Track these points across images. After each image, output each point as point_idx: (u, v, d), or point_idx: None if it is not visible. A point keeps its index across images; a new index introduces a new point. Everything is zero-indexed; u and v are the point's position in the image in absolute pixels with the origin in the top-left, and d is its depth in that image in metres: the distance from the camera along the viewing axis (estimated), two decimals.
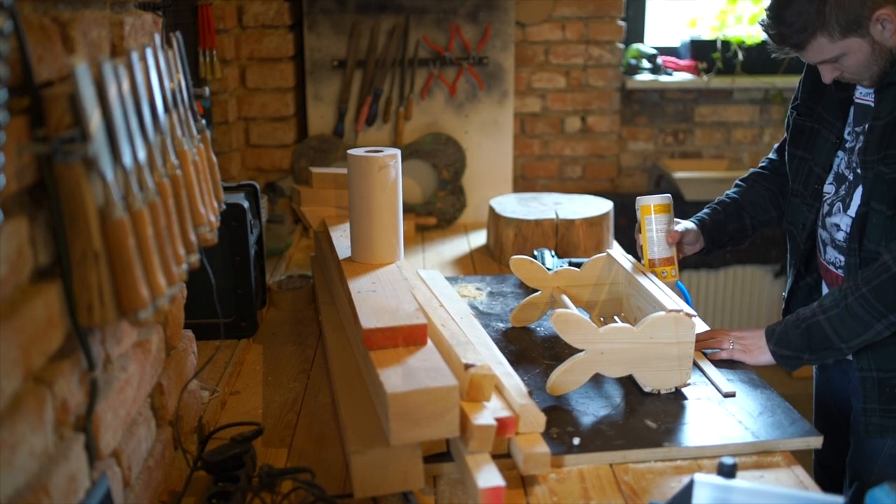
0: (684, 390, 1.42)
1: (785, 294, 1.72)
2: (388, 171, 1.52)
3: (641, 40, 3.26)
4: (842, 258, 1.54)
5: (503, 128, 2.74)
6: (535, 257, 2.01)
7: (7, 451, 0.70)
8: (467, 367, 1.19)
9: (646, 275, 1.59)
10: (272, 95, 2.68)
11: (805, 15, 1.38)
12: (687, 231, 1.68)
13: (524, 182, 3.20)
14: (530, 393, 1.25)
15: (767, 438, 1.28)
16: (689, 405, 1.39)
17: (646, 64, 3.15)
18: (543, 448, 1.18)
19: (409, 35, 2.66)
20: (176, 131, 1.03)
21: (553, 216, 2.22)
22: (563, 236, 2.21)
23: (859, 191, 1.48)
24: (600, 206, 2.32)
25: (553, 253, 2.07)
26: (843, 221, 1.52)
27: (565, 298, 1.62)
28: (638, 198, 1.66)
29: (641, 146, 3.24)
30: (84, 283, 0.80)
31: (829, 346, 1.43)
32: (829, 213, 1.57)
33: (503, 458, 1.21)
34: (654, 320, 1.36)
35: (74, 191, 0.78)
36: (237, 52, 2.61)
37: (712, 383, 1.46)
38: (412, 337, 1.23)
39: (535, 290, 1.72)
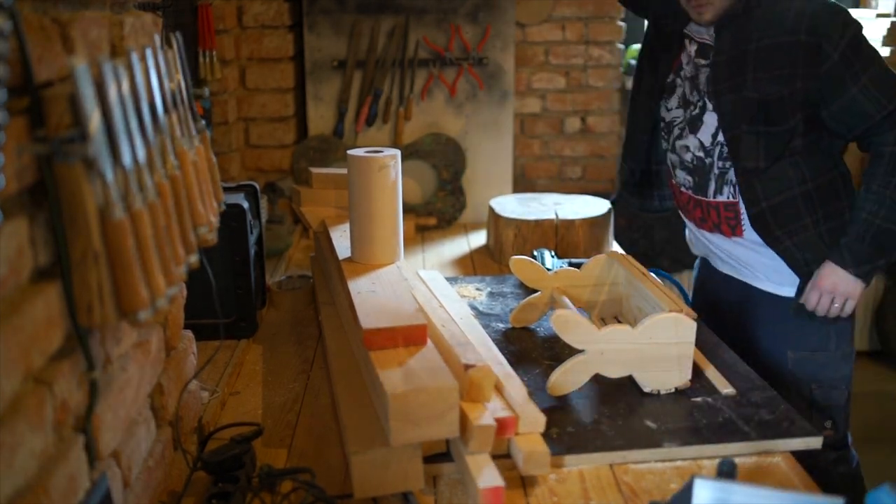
0: (684, 390, 1.42)
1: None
2: (388, 171, 1.52)
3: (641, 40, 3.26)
4: (689, 178, 1.78)
5: (503, 128, 2.74)
6: (534, 258, 2.01)
7: (7, 452, 0.70)
8: (467, 367, 1.19)
9: (645, 275, 1.59)
10: (272, 95, 2.68)
11: None
12: None
13: (524, 182, 3.20)
14: (530, 393, 1.25)
15: (767, 438, 1.28)
16: (689, 405, 1.39)
17: None
18: (543, 448, 1.18)
19: (409, 35, 2.66)
20: (176, 132, 1.03)
21: (553, 216, 2.22)
22: (562, 237, 2.21)
23: (711, 116, 1.69)
24: (600, 206, 2.32)
25: (553, 253, 2.07)
26: (691, 143, 1.75)
27: (565, 299, 1.62)
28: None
29: None
30: (84, 284, 0.80)
31: None
32: (680, 136, 1.78)
33: (503, 458, 1.21)
34: (654, 321, 1.36)
35: (74, 191, 0.78)
36: (237, 53, 2.61)
37: (712, 383, 1.46)
38: (412, 337, 1.23)
39: (534, 291, 1.72)
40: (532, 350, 1.62)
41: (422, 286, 1.60)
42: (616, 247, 2.31)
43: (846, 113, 1.62)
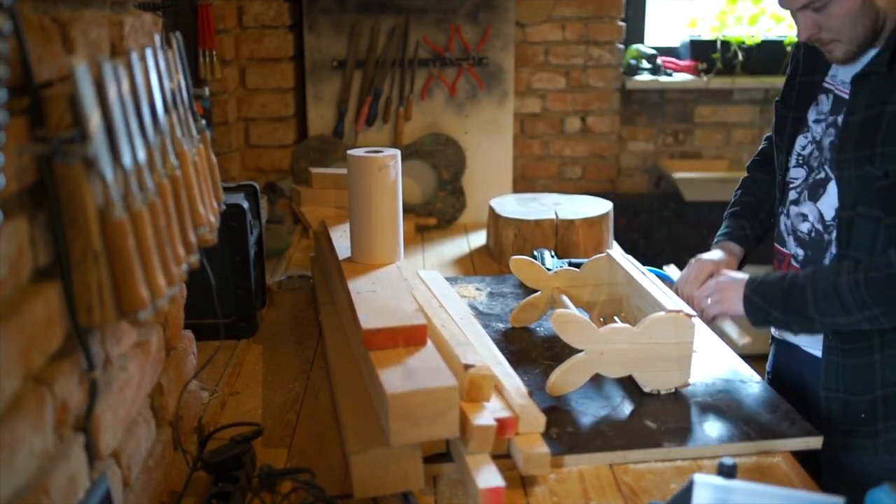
0: (684, 390, 1.42)
1: None
2: (388, 171, 1.52)
3: (641, 40, 3.26)
4: (801, 252, 1.49)
5: (503, 128, 2.74)
6: (534, 257, 2.01)
7: (7, 451, 0.70)
8: (467, 367, 1.19)
9: (645, 275, 1.59)
10: (272, 95, 2.68)
11: None
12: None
13: (524, 182, 3.20)
14: (530, 393, 1.25)
15: (767, 438, 1.28)
16: (690, 405, 1.39)
17: (646, 64, 3.15)
18: (543, 448, 1.18)
19: (409, 35, 2.66)
20: (176, 132, 1.03)
21: (553, 216, 2.22)
22: (562, 236, 2.21)
23: (833, 189, 1.41)
24: (600, 206, 2.32)
25: (553, 253, 2.07)
26: (811, 212, 1.47)
27: (565, 299, 1.62)
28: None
29: (641, 146, 3.24)
30: (84, 284, 0.80)
31: (803, 312, 1.36)
32: (797, 202, 1.50)
33: (503, 458, 1.21)
34: (654, 321, 1.36)
35: (74, 191, 0.78)
36: (237, 53, 2.61)
37: (728, 337, 1.44)
38: (412, 337, 1.23)
39: (534, 291, 1.72)
40: (532, 350, 1.62)
41: (422, 286, 1.59)
42: (616, 247, 2.30)
43: None
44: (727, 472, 0.98)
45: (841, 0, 1.30)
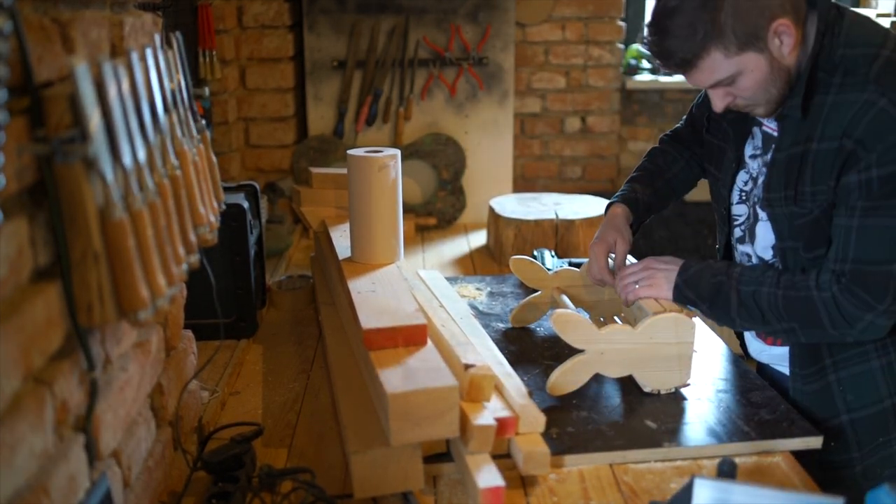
0: (684, 390, 1.42)
1: None
2: (388, 171, 1.52)
3: (641, 41, 3.26)
4: None
5: (503, 128, 2.74)
6: (534, 257, 2.01)
7: (7, 451, 0.70)
8: (467, 367, 1.19)
9: None
10: (272, 95, 2.68)
11: (697, 25, 1.20)
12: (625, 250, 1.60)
13: (524, 182, 3.20)
14: (530, 393, 1.25)
15: (767, 438, 1.28)
16: (689, 405, 1.39)
17: (646, 64, 3.15)
18: (543, 448, 1.18)
19: (409, 35, 2.66)
20: (176, 131, 1.03)
21: (553, 216, 2.22)
22: (562, 236, 2.21)
23: (765, 227, 1.41)
24: (600, 206, 2.32)
25: (553, 253, 2.07)
26: (753, 252, 1.47)
27: (565, 298, 1.62)
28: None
29: (641, 146, 3.24)
30: (84, 284, 0.80)
31: (726, 313, 1.37)
32: (742, 240, 1.50)
33: (503, 458, 1.21)
34: (654, 320, 1.36)
35: (74, 191, 0.78)
36: (237, 53, 2.61)
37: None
38: (412, 337, 1.23)
39: (534, 291, 1.72)
40: (532, 350, 1.62)
41: (422, 286, 1.60)
42: None
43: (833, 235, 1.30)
44: (727, 471, 0.98)
45: (748, 73, 1.25)
